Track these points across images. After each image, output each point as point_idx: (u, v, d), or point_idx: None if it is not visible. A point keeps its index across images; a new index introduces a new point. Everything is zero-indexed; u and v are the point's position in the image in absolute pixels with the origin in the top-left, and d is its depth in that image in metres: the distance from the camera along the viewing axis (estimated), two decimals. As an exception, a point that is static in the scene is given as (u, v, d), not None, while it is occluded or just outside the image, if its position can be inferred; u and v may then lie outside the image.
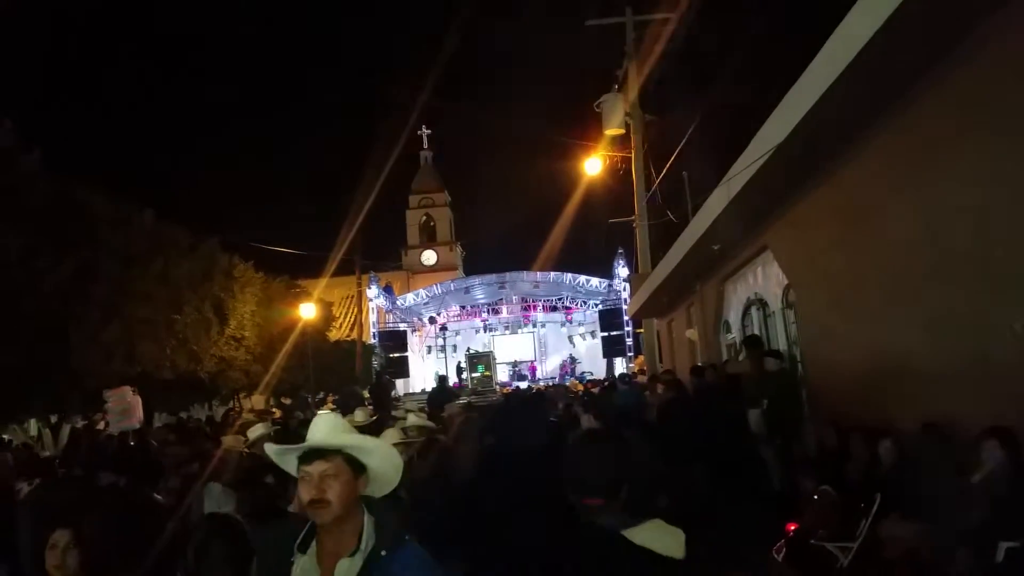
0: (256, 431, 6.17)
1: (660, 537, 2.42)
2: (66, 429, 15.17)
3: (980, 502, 4.52)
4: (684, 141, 15.75)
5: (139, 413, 12.59)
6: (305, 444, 2.44)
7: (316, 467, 2.35)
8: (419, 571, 2.25)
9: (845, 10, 5.22)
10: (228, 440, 6.30)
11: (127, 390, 12.60)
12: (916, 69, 5.43)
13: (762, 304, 11.45)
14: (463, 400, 16.47)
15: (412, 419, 7.10)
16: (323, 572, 2.33)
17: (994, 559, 4.06)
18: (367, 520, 2.37)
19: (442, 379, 20.88)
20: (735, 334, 13.27)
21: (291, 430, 9.55)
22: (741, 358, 10.57)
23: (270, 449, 2.61)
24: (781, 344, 10.40)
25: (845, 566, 5.37)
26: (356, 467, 2.38)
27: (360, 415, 8.93)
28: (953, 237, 5.48)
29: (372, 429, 8.02)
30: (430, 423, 7.07)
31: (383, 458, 2.45)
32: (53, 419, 15.44)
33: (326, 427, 2.46)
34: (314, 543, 2.38)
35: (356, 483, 2.37)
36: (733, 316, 13.34)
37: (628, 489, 2.48)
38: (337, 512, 2.32)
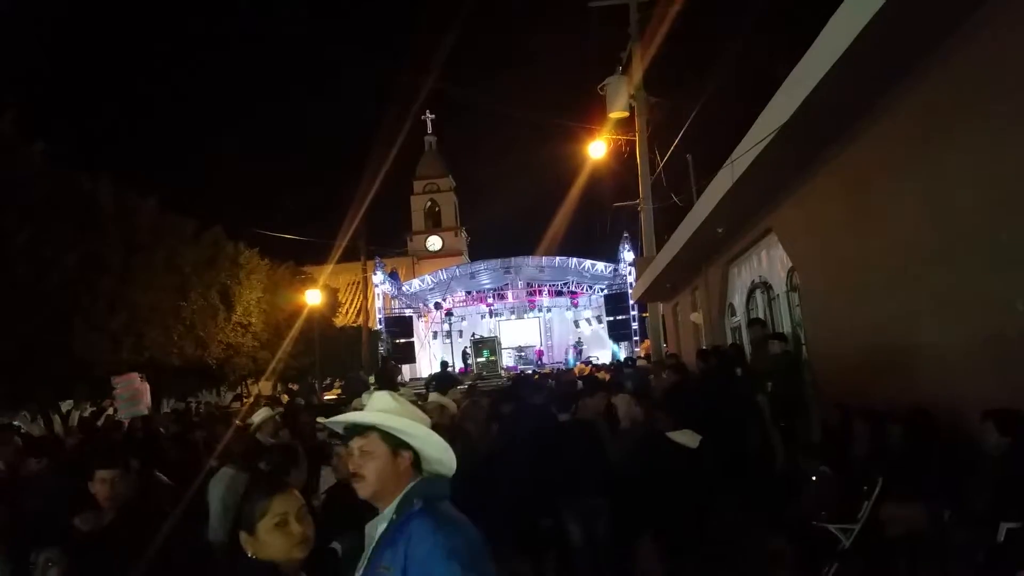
0: (261, 415, 6.23)
1: (684, 437, 5.48)
2: (75, 416, 15.30)
3: (982, 483, 4.53)
4: (688, 123, 15.70)
5: (147, 399, 12.69)
6: (341, 419, 2.55)
7: (355, 443, 2.41)
8: (419, 539, 2.21)
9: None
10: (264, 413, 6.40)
11: (135, 376, 12.69)
12: (921, 47, 5.39)
13: (766, 287, 11.43)
14: (466, 385, 16.53)
15: (433, 397, 7.19)
16: None
17: (995, 539, 4.08)
18: (405, 492, 2.36)
19: (444, 364, 20.97)
20: (739, 317, 13.27)
21: (294, 415, 9.61)
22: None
23: (323, 420, 2.75)
24: (785, 327, 10.39)
25: (847, 548, 5.39)
26: (395, 444, 2.37)
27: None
28: (959, 217, 5.45)
29: None
30: (451, 402, 7.14)
31: (421, 439, 2.41)
32: (66, 407, 15.57)
33: (370, 405, 2.49)
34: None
35: (395, 460, 2.36)
36: (738, 299, 13.34)
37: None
38: (374, 487, 2.35)
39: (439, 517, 2.27)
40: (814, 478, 6.17)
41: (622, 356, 29.55)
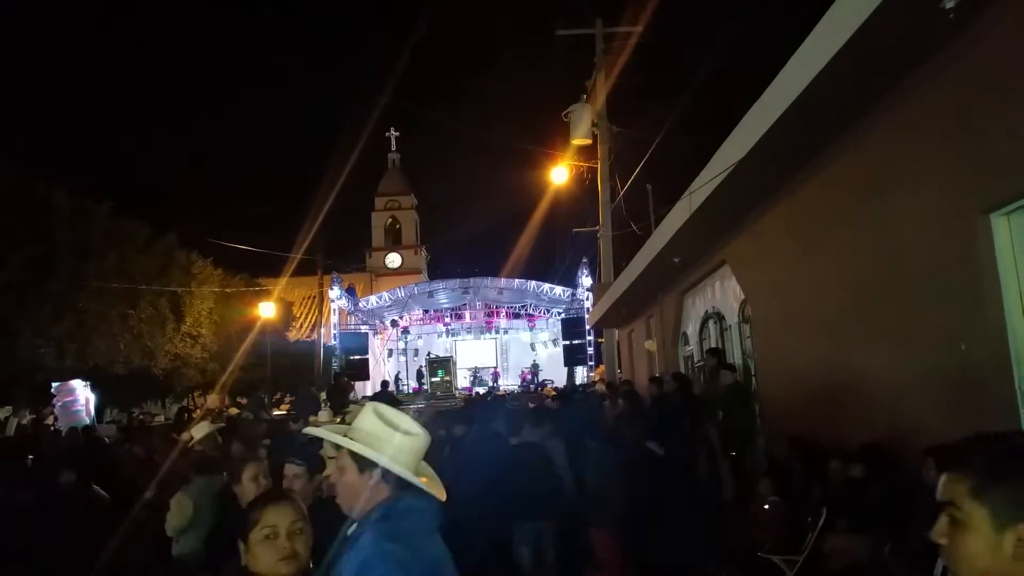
0: (202, 429, 6.09)
1: (655, 447, 6.87)
2: (13, 423, 14.82)
3: (922, 519, 4.61)
4: (649, 154, 15.91)
5: (89, 408, 12.38)
6: (317, 432, 2.59)
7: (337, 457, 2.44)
8: (358, 549, 2.16)
9: (811, 28, 5.30)
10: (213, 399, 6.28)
11: (78, 384, 12.37)
12: (874, 91, 5.54)
13: (719, 318, 11.58)
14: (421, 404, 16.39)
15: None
16: None
17: (932, 574, 4.13)
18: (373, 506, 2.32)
19: (384, 384, 20.79)
20: (692, 347, 13.41)
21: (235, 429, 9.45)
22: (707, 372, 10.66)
23: (310, 429, 2.82)
24: (736, 358, 10.52)
25: (791, 579, 5.44)
26: (361, 462, 2.32)
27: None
28: (908, 255, 5.58)
29: None
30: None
31: (384, 462, 2.30)
32: (3, 413, 15.08)
33: (355, 421, 2.47)
34: None
35: (362, 477, 2.31)
36: (691, 329, 13.48)
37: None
38: (345, 500, 2.35)
39: (389, 531, 2.19)
40: (766, 507, 6.24)
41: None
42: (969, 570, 1.32)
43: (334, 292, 34.22)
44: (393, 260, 57.22)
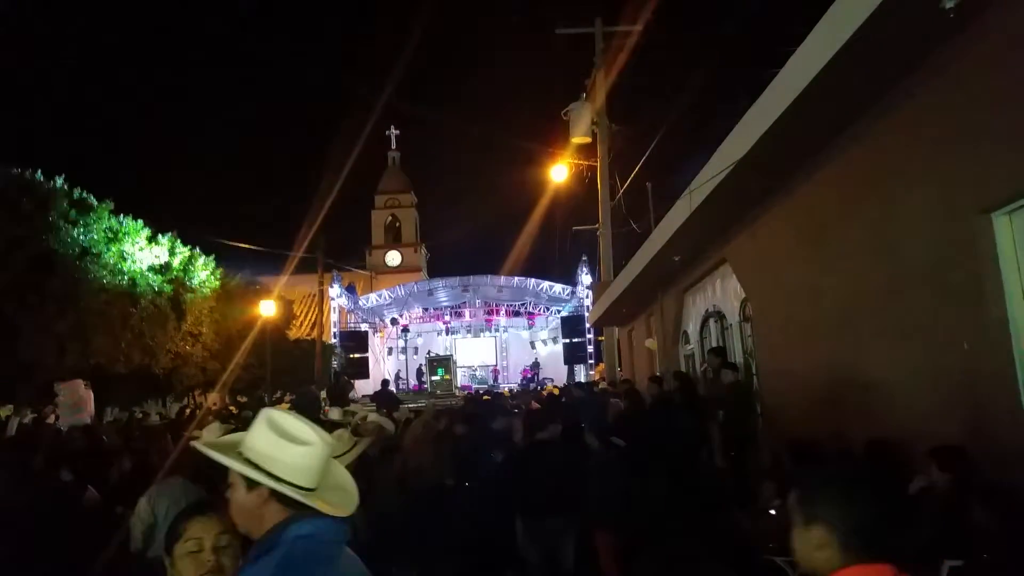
0: (213, 430, 6.09)
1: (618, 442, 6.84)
2: (14, 422, 14.80)
3: (924, 520, 4.60)
4: (649, 152, 15.92)
5: (90, 407, 12.38)
6: (198, 446, 2.20)
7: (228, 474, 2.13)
8: None
9: (811, 28, 5.30)
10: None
11: (79, 383, 12.37)
12: (875, 90, 5.54)
13: (720, 316, 11.57)
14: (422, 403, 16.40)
15: (373, 417, 7.07)
16: None
17: None
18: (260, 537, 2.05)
19: (384, 383, 20.81)
20: (693, 345, 13.41)
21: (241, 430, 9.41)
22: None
23: (197, 444, 2.31)
24: (737, 357, 10.52)
25: (793, 579, 5.43)
26: (246, 478, 2.05)
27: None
28: (910, 253, 5.58)
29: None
30: (389, 422, 7.03)
31: (270, 483, 2.04)
32: (4, 412, 15.07)
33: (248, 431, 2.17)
34: None
35: (249, 495, 2.05)
36: (692, 327, 13.48)
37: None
38: (237, 520, 2.10)
39: (267, 567, 1.91)
40: (772, 512, 6.22)
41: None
42: (799, 555, 1.90)
43: (334, 290, 34.21)
44: (393, 258, 57.15)
